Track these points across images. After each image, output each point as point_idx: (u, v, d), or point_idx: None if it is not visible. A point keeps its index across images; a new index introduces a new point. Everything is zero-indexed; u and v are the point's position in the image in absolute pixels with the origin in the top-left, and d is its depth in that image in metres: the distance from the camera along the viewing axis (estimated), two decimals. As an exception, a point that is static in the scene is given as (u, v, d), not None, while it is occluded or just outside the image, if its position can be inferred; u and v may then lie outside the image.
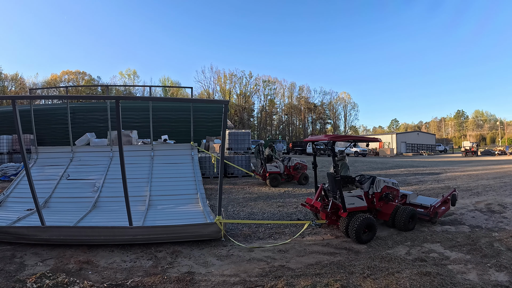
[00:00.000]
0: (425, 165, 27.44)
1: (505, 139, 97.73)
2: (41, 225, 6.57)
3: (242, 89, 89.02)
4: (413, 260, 5.70)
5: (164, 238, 6.69)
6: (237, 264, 5.56)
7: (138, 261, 5.75)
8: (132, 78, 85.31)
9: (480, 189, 13.69)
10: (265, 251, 6.24)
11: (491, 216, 9.05)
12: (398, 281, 4.71)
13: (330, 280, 4.75)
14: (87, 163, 12.11)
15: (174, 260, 5.76)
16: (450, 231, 7.62)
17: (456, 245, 6.50)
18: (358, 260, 5.69)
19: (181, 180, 11.10)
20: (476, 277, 4.98)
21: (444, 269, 5.29)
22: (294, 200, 11.30)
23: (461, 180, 16.02)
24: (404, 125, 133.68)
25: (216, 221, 6.85)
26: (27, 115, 13.79)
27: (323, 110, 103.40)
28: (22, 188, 10.21)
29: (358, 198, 7.17)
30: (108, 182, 10.71)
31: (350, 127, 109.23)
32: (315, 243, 6.71)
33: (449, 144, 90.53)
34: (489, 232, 7.50)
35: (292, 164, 15.57)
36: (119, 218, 7.94)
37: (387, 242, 6.79)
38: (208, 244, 6.56)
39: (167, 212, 8.79)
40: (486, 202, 10.88)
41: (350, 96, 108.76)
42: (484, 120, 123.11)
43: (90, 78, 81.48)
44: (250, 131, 20.78)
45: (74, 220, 7.69)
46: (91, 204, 9.36)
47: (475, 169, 24.13)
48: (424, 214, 8.04)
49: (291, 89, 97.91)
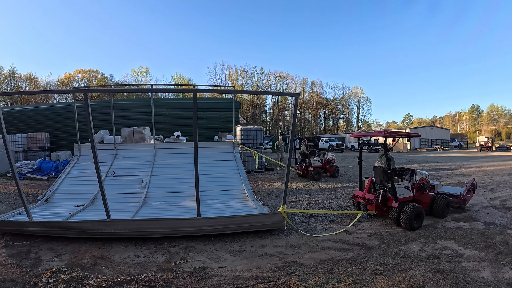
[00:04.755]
0: (439, 161, 27.14)
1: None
2: (106, 219, 6.68)
3: (254, 85, 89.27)
4: (426, 257, 5.66)
5: (230, 228, 6.93)
6: (250, 260, 5.59)
7: (152, 256, 5.82)
8: (145, 75, 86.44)
9: (495, 185, 13.49)
10: (277, 246, 6.26)
11: (506, 213, 8.93)
12: (411, 278, 4.69)
13: (342, 276, 4.76)
14: (130, 160, 12.30)
15: (187, 255, 5.81)
16: (464, 228, 7.54)
17: (470, 242, 6.43)
18: (371, 257, 5.67)
19: (226, 176, 11.35)
20: (490, 275, 4.92)
21: (458, 266, 5.24)
22: (307, 196, 11.31)
23: (476, 176, 15.81)
24: (418, 120, 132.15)
25: (281, 210, 7.18)
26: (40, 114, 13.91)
27: (335, 105, 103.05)
28: (68, 185, 10.51)
29: (406, 189, 7.99)
30: (154, 178, 10.94)
31: (363, 122, 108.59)
32: (327, 239, 6.71)
33: (464, 139, 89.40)
34: (504, 229, 7.40)
35: (327, 159, 16.46)
36: (169, 213, 8.24)
37: (400, 238, 6.74)
38: (221, 240, 6.61)
39: (219, 207, 8.96)
40: (501, 198, 10.73)
41: (363, 90, 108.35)
42: (499, 114, 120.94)
43: (103, 77, 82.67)
44: (262, 127, 20.89)
45: (126, 215, 7.83)
46: (140, 199, 9.57)
47: (490, 164, 23.77)
48: (455, 202, 8.90)
49: (303, 84, 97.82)
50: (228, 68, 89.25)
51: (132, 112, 23.24)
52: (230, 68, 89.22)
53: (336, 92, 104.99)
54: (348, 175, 17.05)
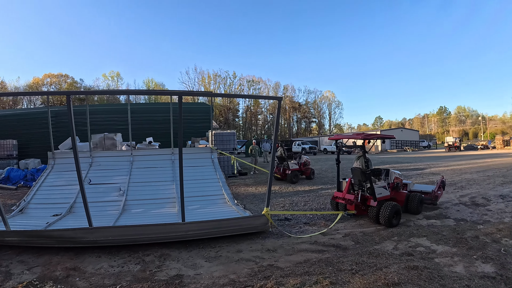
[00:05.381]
0: (409, 161, 27.77)
1: (487, 134, 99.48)
2: (88, 227, 6.46)
3: (227, 89, 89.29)
4: (400, 255, 5.75)
5: (216, 232, 6.92)
6: (226, 265, 5.53)
7: (126, 265, 5.67)
8: (116, 80, 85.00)
9: (464, 183, 13.91)
10: (253, 251, 6.23)
11: (475, 209, 9.21)
12: (386, 276, 4.75)
13: (319, 277, 4.77)
14: (107, 167, 11.97)
15: (163, 263, 5.70)
16: (435, 225, 7.73)
17: (442, 239, 6.59)
18: (346, 257, 5.71)
19: (206, 182, 11.23)
20: (463, 269, 5.04)
21: (431, 262, 5.35)
22: (281, 199, 11.32)
23: (445, 175, 16.23)
24: (388, 122, 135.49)
25: (265, 212, 7.27)
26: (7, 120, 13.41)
27: (308, 109, 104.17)
28: (43, 194, 10.12)
29: (383, 188, 8.36)
30: (132, 185, 10.69)
31: (335, 125, 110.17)
32: (303, 242, 6.72)
33: (433, 139, 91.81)
34: (474, 225, 7.63)
35: (302, 161, 16.76)
36: (149, 220, 8.06)
37: (374, 238, 6.83)
38: (196, 246, 6.52)
39: (201, 212, 8.82)
40: (470, 195, 11.07)
41: (335, 94, 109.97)
42: (466, 115, 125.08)
43: (73, 81, 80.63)
44: (235, 132, 20.88)
45: (106, 224, 7.58)
46: (119, 207, 9.30)
47: (459, 163, 24.50)
48: (428, 199, 9.32)
49: (275, 88, 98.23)
50: (201, 72, 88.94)
51: (102, 118, 22.66)
52: (202, 72, 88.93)
53: (308, 96, 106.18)
54: (322, 178, 17.18)
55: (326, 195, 11.91)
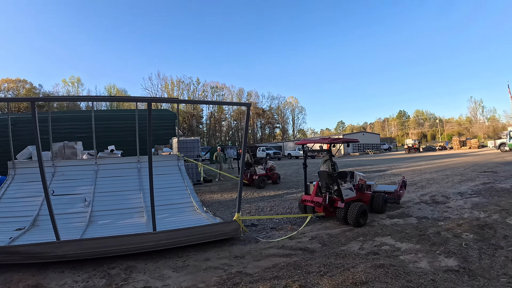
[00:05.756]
0: (371, 164, 28.49)
1: (444, 135, 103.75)
2: (56, 241, 6.11)
3: (190, 95, 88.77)
4: (366, 254, 5.84)
5: (188, 240, 6.80)
6: (194, 274, 5.43)
7: (91, 280, 5.44)
8: (76, 86, 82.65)
9: (424, 183, 14.37)
10: (221, 258, 6.14)
11: (436, 207, 9.52)
12: (354, 275, 4.80)
13: (288, 281, 4.76)
14: (71, 177, 11.41)
15: (129, 276, 5.51)
16: (399, 223, 7.93)
17: (406, 237, 6.75)
18: (314, 259, 5.74)
19: (174, 190, 10.99)
20: (427, 265, 5.18)
21: (397, 260, 5.46)
22: (247, 205, 11.26)
23: (406, 175, 16.71)
24: (350, 126, 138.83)
25: (236, 218, 7.28)
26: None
27: (271, 115, 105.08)
28: (3, 207, 9.47)
29: (350, 190, 8.67)
30: (98, 195, 10.27)
31: (298, 130, 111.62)
32: (270, 247, 6.70)
33: (393, 142, 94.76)
34: (436, 221, 7.88)
35: (268, 166, 17.01)
36: (118, 231, 7.65)
37: (340, 239, 6.91)
38: (163, 257, 6.36)
39: (170, 221, 8.59)
40: (430, 194, 11.45)
41: (298, 100, 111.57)
42: (424, 119, 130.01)
43: (31, 87, 77.48)
44: (199, 138, 20.72)
45: (72, 237, 7.17)
46: (85, 219, 8.88)
47: (419, 164, 25.34)
48: (391, 198, 9.66)
49: (239, 94, 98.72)
50: (164, 78, 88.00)
51: (61, 126, 21.80)
52: (166, 78, 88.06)
53: (271, 102, 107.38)
54: (287, 182, 17.29)
55: (292, 199, 11.98)
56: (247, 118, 7.34)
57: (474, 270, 4.88)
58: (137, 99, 12.84)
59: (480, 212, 8.58)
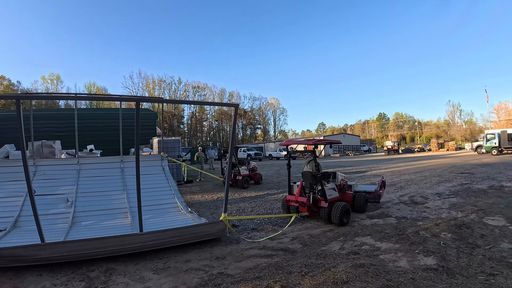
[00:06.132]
0: (351, 165, 28.82)
1: (423, 138, 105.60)
2: (41, 243, 5.91)
3: (172, 95, 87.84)
4: (347, 254, 5.88)
5: (176, 241, 6.75)
6: (175, 276, 5.36)
7: (70, 283, 5.31)
8: (56, 83, 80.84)
9: (403, 184, 14.60)
10: (202, 259, 6.09)
11: (414, 207, 9.68)
12: (335, 275, 4.83)
13: (270, 282, 4.75)
14: (52, 177, 11.08)
15: (109, 279, 5.40)
16: (378, 224, 8.03)
17: (386, 236, 6.84)
18: (295, 260, 5.75)
19: (158, 190, 10.85)
20: (406, 264, 5.25)
21: (377, 259, 5.52)
22: (228, 206, 11.18)
23: (385, 177, 16.95)
24: (331, 128, 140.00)
25: (223, 218, 7.27)
26: None
27: (253, 116, 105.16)
28: None
29: (333, 190, 8.81)
30: (81, 196, 10.02)
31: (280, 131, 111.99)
32: (251, 247, 6.69)
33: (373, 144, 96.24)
34: (414, 221, 8.01)
35: (251, 167, 17.35)
36: (103, 232, 7.52)
37: (320, 239, 6.95)
38: (143, 258, 6.26)
39: (155, 222, 8.46)
40: (409, 195, 11.63)
41: (279, 101, 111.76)
42: (403, 121, 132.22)
43: (10, 83, 75.39)
44: (180, 138, 20.57)
45: (56, 238, 6.97)
46: (68, 220, 8.64)
47: (398, 165, 25.74)
48: (371, 198, 9.91)
49: (221, 95, 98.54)
50: (145, 77, 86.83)
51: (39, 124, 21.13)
52: (147, 77, 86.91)
53: (253, 103, 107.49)
54: (268, 183, 17.35)
55: (273, 200, 12.01)
56: (235, 118, 7.36)
57: (453, 269, 4.96)
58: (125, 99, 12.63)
59: (458, 212, 8.76)
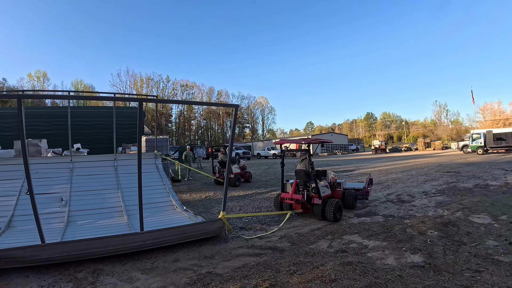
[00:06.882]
0: (339, 164, 28.98)
1: (410, 137, 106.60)
2: (41, 244, 5.81)
3: (160, 93, 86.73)
4: (335, 252, 5.92)
5: (175, 239, 6.78)
6: (164, 276, 5.34)
7: (57, 284, 5.24)
8: (42, 80, 79.36)
9: (390, 182, 14.74)
10: (190, 259, 6.08)
11: (401, 205, 9.79)
12: (324, 273, 4.86)
13: (258, 280, 4.76)
14: (45, 175, 10.88)
15: (96, 280, 5.35)
16: (366, 222, 8.10)
17: (373, 234, 6.91)
18: (284, 258, 5.77)
19: (152, 189, 10.78)
20: (394, 261, 5.32)
21: (364, 257, 5.57)
22: (216, 206, 11.20)
23: (373, 175, 17.09)
24: (319, 127, 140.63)
25: (221, 216, 7.33)
26: None
27: (241, 115, 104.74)
28: None
29: (326, 187, 9.04)
30: (75, 194, 9.89)
31: (268, 130, 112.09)
32: (240, 246, 6.69)
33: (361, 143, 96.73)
34: (401, 220, 8.10)
35: (241, 165, 17.53)
36: (100, 231, 7.46)
37: (309, 238, 6.99)
38: (131, 258, 6.22)
39: (152, 220, 8.37)
40: (396, 193, 11.75)
41: (268, 100, 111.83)
42: (391, 121, 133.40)
43: None
44: (168, 137, 20.45)
45: (52, 238, 6.85)
46: (63, 219, 8.51)
47: (385, 164, 25.96)
48: (360, 195, 10.08)
49: (209, 93, 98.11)
50: (133, 75, 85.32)
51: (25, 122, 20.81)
52: (135, 75, 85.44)
53: (241, 101, 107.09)
54: (256, 182, 17.34)
55: (261, 199, 12.03)
56: (235, 118, 7.42)
57: (439, 266, 5.03)
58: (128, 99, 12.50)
59: (444, 210, 8.88)
